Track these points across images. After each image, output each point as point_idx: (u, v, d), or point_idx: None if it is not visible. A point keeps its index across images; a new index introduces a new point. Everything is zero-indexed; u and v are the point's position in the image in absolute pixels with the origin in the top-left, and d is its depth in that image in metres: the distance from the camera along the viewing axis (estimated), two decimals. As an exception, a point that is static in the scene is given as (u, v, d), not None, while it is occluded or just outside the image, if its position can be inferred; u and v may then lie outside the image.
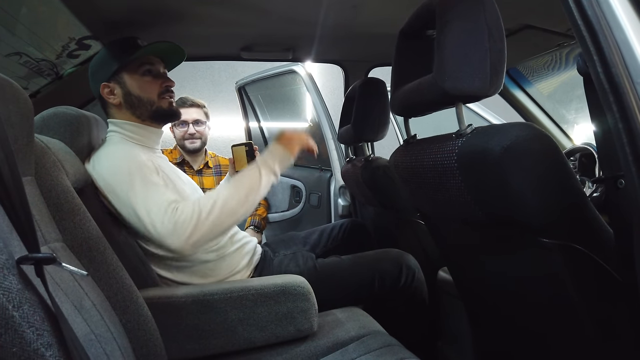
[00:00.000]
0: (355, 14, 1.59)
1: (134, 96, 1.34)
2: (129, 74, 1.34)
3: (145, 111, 1.35)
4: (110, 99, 1.34)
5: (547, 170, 0.74)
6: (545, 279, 0.83)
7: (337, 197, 2.28)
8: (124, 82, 1.34)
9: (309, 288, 1.20)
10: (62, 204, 1.00)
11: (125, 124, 1.34)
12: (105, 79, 1.34)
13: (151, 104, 1.35)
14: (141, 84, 1.34)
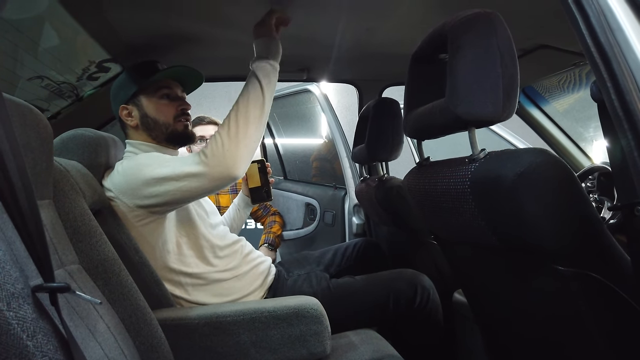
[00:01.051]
0: (369, 36, 1.61)
1: (150, 118, 1.37)
2: (147, 96, 1.37)
3: (160, 133, 1.38)
4: (128, 121, 1.38)
5: (561, 197, 0.73)
6: (562, 308, 0.81)
7: (352, 215, 2.27)
8: (142, 105, 1.37)
9: (322, 310, 1.19)
10: (79, 227, 1.02)
11: (141, 144, 1.37)
12: (123, 101, 1.38)
13: (167, 127, 1.38)
14: (158, 106, 1.37)
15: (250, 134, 1.16)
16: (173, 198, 1.19)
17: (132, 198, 1.22)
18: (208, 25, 1.46)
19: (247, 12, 1.35)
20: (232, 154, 1.13)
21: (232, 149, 1.13)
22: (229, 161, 1.13)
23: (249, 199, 1.76)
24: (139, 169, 1.22)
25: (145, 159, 1.25)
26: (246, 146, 1.15)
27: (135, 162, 1.25)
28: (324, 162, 3.00)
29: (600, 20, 0.69)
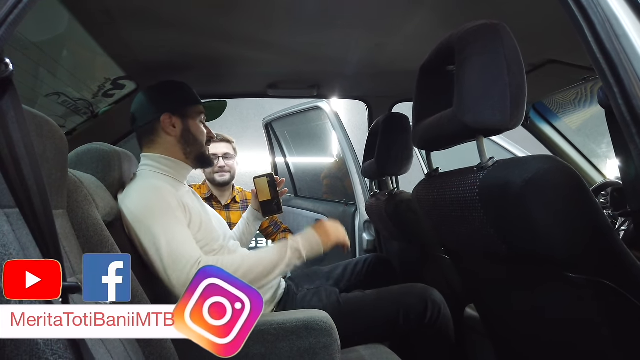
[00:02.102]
0: (378, 52, 1.63)
1: (192, 135, 1.42)
2: (190, 115, 1.42)
3: (195, 150, 1.43)
4: (169, 130, 1.39)
5: (570, 203, 0.72)
6: (576, 317, 0.80)
7: (362, 231, 2.27)
8: (186, 120, 1.41)
9: (332, 323, 1.18)
10: (91, 237, 1.03)
11: (162, 158, 1.39)
12: (170, 110, 1.39)
13: (201, 147, 1.44)
14: (197, 127, 1.44)
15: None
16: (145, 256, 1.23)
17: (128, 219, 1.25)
18: (222, 43, 1.50)
19: (264, 29, 1.38)
20: None
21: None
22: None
23: (258, 213, 1.76)
24: (146, 211, 1.24)
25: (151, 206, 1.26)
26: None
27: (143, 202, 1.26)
28: (334, 180, 3.01)
29: (605, 28, 0.70)
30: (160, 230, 1.20)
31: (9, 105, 0.59)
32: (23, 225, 0.68)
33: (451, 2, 1.26)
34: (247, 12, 1.29)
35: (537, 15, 1.27)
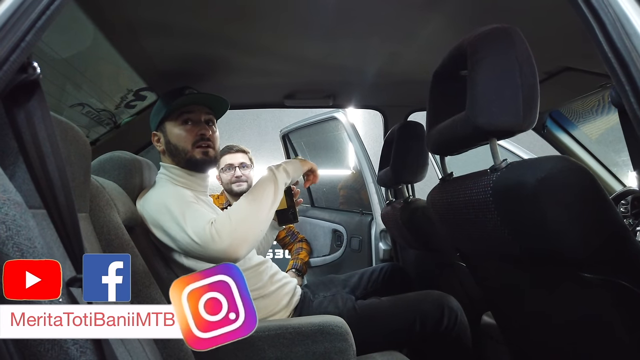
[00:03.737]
0: (393, 61, 1.65)
1: (172, 145, 1.40)
2: (171, 122, 1.40)
3: (181, 159, 1.40)
4: (157, 147, 1.45)
5: (584, 202, 0.72)
6: (592, 318, 0.79)
7: (378, 241, 2.26)
8: (166, 131, 1.41)
9: (347, 328, 1.19)
10: (112, 240, 1.06)
11: (172, 168, 1.42)
12: (154, 128, 1.45)
13: (185, 153, 1.39)
14: (179, 132, 1.39)
15: (255, 227, 1.23)
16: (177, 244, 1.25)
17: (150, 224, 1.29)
18: (241, 54, 1.54)
19: (281, 40, 1.42)
20: (237, 237, 1.19)
21: (239, 232, 1.19)
22: (234, 242, 1.18)
23: (274, 222, 1.78)
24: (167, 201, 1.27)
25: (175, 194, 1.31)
26: (252, 235, 1.22)
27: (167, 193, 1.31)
28: (351, 190, 3.02)
29: (616, 27, 0.70)
30: (179, 210, 1.24)
31: (36, 107, 0.62)
32: (47, 226, 0.71)
33: (466, 11, 1.27)
34: (264, 24, 1.32)
35: (552, 23, 1.28)
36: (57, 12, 0.63)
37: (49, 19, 0.62)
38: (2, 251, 0.55)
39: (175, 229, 1.22)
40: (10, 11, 0.60)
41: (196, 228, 1.20)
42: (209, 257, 1.20)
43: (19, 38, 0.59)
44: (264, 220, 1.26)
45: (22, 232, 0.57)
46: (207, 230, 1.18)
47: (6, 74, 0.59)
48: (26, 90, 0.62)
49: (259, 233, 1.24)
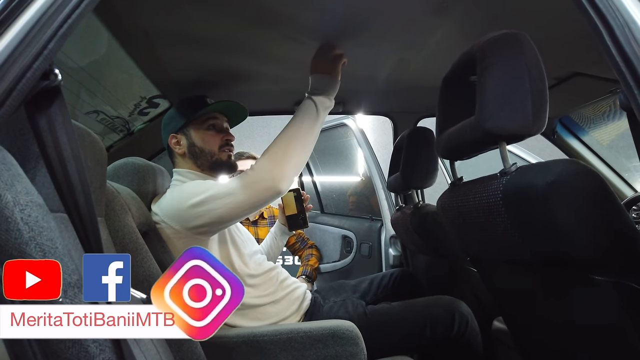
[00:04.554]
0: (402, 68, 1.66)
1: (197, 147, 1.46)
2: (195, 127, 1.47)
3: (206, 161, 1.46)
4: (176, 149, 1.47)
5: (593, 204, 0.73)
6: (604, 321, 0.79)
7: (388, 247, 2.27)
8: (190, 135, 1.47)
9: (358, 332, 1.19)
10: (127, 244, 1.08)
11: (188, 172, 1.45)
12: (174, 131, 1.47)
13: (212, 155, 1.47)
14: (205, 136, 1.47)
15: (298, 154, 1.25)
16: (218, 216, 1.25)
17: (180, 222, 1.28)
18: (252, 62, 1.56)
19: (292, 48, 1.44)
20: (278, 171, 1.21)
21: (279, 166, 1.21)
22: (275, 176, 1.21)
23: (285, 227, 1.80)
24: (186, 193, 1.29)
25: (192, 185, 1.34)
26: (294, 165, 1.24)
27: (182, 188, 1.33)
28: (360, 197, 3.03)
29: (624, 32, 0.71)
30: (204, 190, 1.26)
31: (57, 112, 0.65)
32: (65, 229, 0.73)
33: (475, 17, 1.28)
34: (276, 32, 1.34)
35: (561, 29, 1.28)
36: (79, 20, 0.65)
37: (71, 28, 0.65)
38: (25, 251, 0.56)
39: (212, 204, 1.24)
40: (34, 20, 0.62)
41: (234, 182, 1.23)
42: (259, 198, 1.23)
43: (42, 46, 0.62)
44: (303, 149, 1.27)
45: (44, 233, 0.59)
46: (245, 174, 1.23)
47: (29, 80, 0.61)
48: (48, 97, 0.64)
49: (300, 161, 1.26)
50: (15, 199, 0.58)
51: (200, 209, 1.25)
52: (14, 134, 0.70)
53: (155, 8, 1.16)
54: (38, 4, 0.63)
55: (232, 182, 1.25)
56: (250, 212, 1.29)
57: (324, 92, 1.34)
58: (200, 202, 1.25)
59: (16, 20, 0.61)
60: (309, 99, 1.33)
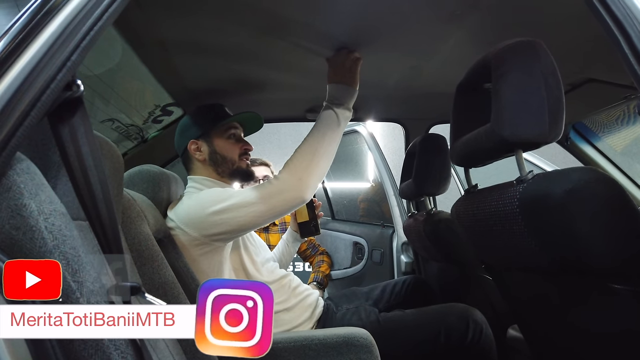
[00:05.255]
0: (414, 75, 1.66)
1: (218, 155, 1.47)
2: (217, 135, 1.48)
3: (226, 169, 1.48)
4: (196, 155, 1.48)
5: (612, 212, 0.72)
6: (623, 329, 0.78)
7: (400, 253, 2.26)
8: (211, 142, 1.48)
9: (372, 340, 1.19)
10: (143, 251, 1.09)
11: (205, 180, 1.46)
12: (194, 137, 1.48)
13: (232, 163, 1.48)
14: (226, 145, 1.48)
15: (322, 165, 1.27)
16: (239, 224, 1.26)
17: (198, 229, 1.29)
18: (265, 70, 1.58)
19: (304, 56, 1.45)
20: (304, 180, 1.23)
21: (305, 176, 1.23)
22: (301, 185, 1.23)
23: (297, 234, 1.80)
24: (206, 201, 1.30)
25: (212, 192, 1.34)
26: (318, 175, 1.26)
27: (201, 195, 1.34)
28: (371, 203, 3.02)
29: (642, 38, 0.71)
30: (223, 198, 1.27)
31: (79, 122, 0.66)
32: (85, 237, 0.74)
33: (488, 24, 1.28)
34: (287, 40, 1.35)
35: (575, 35, 1.28)
36: (101, 32, 0.66)
37: (93, 40, 0.66)
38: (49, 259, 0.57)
39: (233, 212, 1.25)
40: (58, 32, 0.63)
41: (256, 191, 1.25)
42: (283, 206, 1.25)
43: (65, 58, 0.63)
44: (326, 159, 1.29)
45: (67, 242, 0.60)
46: (269, 183, 1.24)
47: (53, 91, 0.62)
48: (70, 107, 0.65)
49: (323, 172, 1.28)
50: (39, 208, 0.59)
51: (222, 216, 1.26)
52: (35, 143, 0.71)
53: (170, 17, 1.18)
54: (62, 16, 0.64)
55: (255, 191, 1.25)
56: (271, 221, 1.30)
57: (344, 102, 1.35)
58: (222, 210, 1.26)
59: (41, 33, 0.62)
60: (330, 109, 1.33)
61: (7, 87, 0.59)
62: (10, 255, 0.57)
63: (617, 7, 0.74)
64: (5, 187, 0.58)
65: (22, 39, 0.62)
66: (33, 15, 0.63)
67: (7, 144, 0.58)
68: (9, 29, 0.63)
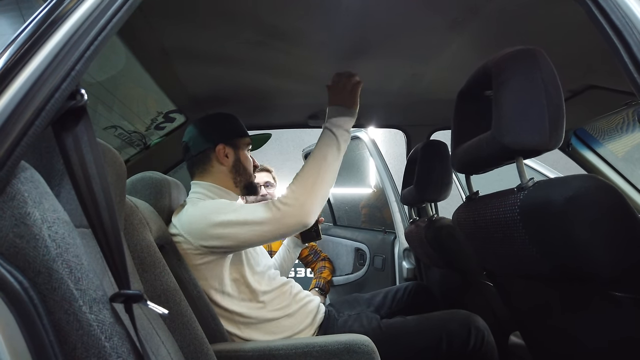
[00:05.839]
0: (415, 82, 1.67)
1: (242, 165, 1.50)
2: (240, 146, 1.51)
3: (243, 180, 1.50)
4: (222, 160, 1.47)
5: (612, 219, 0.72)
6: (624, 337, 0.78)
7: (402, 259, 2.26)
8: (237, 151, 1.49)
9: (373, 347, 1.19)
10: (145, 258, 1.10)
11: (215, 187, 1.45)
12: (224, 141, 1.48)
13: (249, 176, 1.53)
14: (246, 157, 1.52)
15: (324, 188, 1.27)
16: (239, 241, 1.27)
17: (197, 238, 1.29)
18: (266, 77, 1.59)
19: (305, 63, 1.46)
20: (307, 205, 1.23)
21: (308, 201, 1.23)
22: (304, 210, 1.23)
23: (298, 240, 1.80)
24: (210, 212, 1.30)
25: (217, 204, 1.34)
26: (321, 198, 1.26)
27: (207, 205, 1.34)
28: (373, 209, 3.02)
29: (642, 48, 0.71)
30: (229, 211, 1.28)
31: (83, 131, 0.66)
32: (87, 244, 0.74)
33: (488, 31, 1.29)
34: (290, 47, 1.36)
35: (575, 42, 1.29)
36: (105, 42, 0.67)
37: (97, 50, 0.67)
38: (52, 268, 0.58)
39: (235, 228, 1.26)
40: (63, 42, 0.64)
41: (260, 212, 1.25)
42: (283, 231, 1.26)
43: (69, 67, 0.64)
44: (328, 184, 1.29)
45: (70, 250, 0.60)
46: (272, 207, 1.24)
47: (57, 101, 0.63)
48: (74, 116, 0.66)
49: (325, 196, 1.28)
50: (43, 216, 0.59)
51: (224, 230, 1.26)
52: (39, 152, 0.72)
53: (173, 25, 1.19)
54: (66, 27, 0.65)
55: (260, 211, 1.25)
56: (272, 242, 1.31)
57: (343, 124, 1.35)
58: (225, 224, 1.26)
59: (46, 43, 0.63)
60: (331, 132, 1.34)
61: (13, 96, 0.60)
62: (14, 263, 0.57)
63: (616, 16, 0.74)
64: (10, 195, 0.59)
65: (27, 49, 0.62)
66: (38, 26, 0.64)
67: (12, 153, 0.58)
68: (15, 38, 0.64)
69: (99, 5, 0.68)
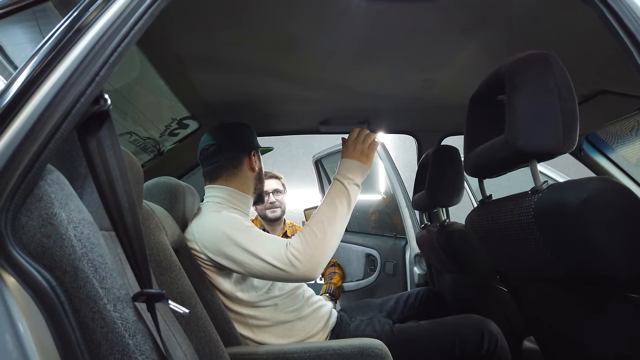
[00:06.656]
0: (426, 87, 1.68)
1: (262, 173, 1.57)
2: (259, 156, 1.58)
3: (260, 188, 1.56)
4: (253, 166, 1.52)
5: (627, 221, 0.72)
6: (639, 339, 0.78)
7: (413, 265, 2.26)
8: (260, 160, 1.57)
9: (387, 351, 1.19)
10: (161, 261, 1.11)
11: (233, 191, 1.46)
12: (255, 148, 1.53)
13: (263, 185, 1.59)
14: (261, 168, 1.58)
15: (333, 243, 1.27)
16: (246, 270, 1.27)
17: (209, 250, 1.30)
18: (279, 84, 1.61)
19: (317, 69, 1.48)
20: (317, 258, 1.23)
21: (318, 254, 1.23)
22: (314, 264, 1.22)
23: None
24: (226, 229, 1.30)
25: (233, 223, 1.33)
26: (329, 253, 1.26)
27: (224, 220, 1.34)
28: (383, 215, 3.02)
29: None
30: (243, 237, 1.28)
31: (106, 135, 0.68)
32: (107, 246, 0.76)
33: (500, 37, 1.30)
34: (302, 55, 1.38)
35: (587, 47, 1.29)
36: (127, 48, 0.69)
37: (120, 55, 0.69)
38: (78, 267, 0.59)
39: (245, 256, 1.25)
40: (88, 49, 0.66)
41: (273, 253, 1.24)
42: (288, 280, 1.27)
43: (94, 73, 0.66)
44: (337, 237, 1.29)
45: (95, 250, 0.62)
46: (285, 255, 1.23)
47: (83, 105, 0.65)
48: (98, 120, 0.68)
49: (333, 249, 1.28)
50: (69, 217, 0.61)
51: (234, 255, 1.26)
52: (63, 155, 0.74)
53: (188, 32, 1.21)
54: (91, 34, 0.67)
55: (274, 249, 1.25)
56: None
57: (355, 179, 1.35)
58: (237, 247, 1.26)
59: (72, 50, 0.65)
60: (342, 185, 1.33)
61: (41, 100, 0.62)
62: (42, 262, 0.59)
63: (629, 19, 0.75)
64: (37, 197, 0.61)
65: (54, 56, 0.65)
66: (64, 33, 0.66)
67: (40, 156, 0.60)
68: (42, 46, 0.66)
69: (122, 13, 0.70)
